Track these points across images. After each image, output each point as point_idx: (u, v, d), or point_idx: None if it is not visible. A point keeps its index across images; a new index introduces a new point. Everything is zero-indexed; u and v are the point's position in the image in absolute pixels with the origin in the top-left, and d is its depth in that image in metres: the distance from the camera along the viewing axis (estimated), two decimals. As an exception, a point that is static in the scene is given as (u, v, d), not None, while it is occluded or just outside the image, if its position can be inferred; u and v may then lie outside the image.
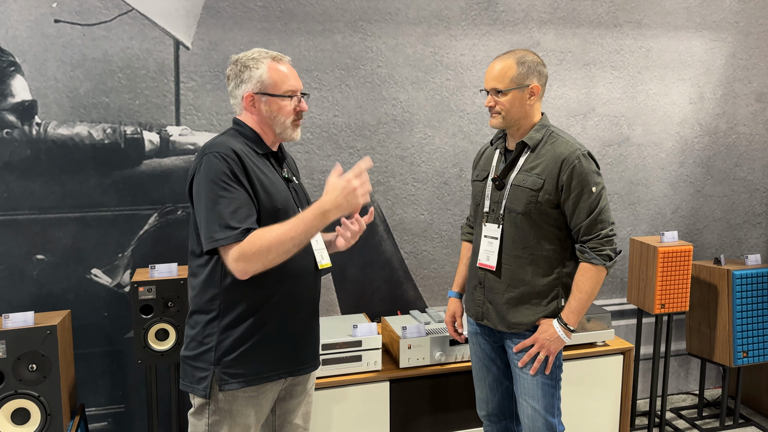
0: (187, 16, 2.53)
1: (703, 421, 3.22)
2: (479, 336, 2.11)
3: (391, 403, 2.43)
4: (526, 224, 1.92)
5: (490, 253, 1.99)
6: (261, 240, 1.52)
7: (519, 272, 1.95)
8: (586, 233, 1.89)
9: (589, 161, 1.89)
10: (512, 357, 2.01)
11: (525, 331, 1.96)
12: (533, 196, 1.90)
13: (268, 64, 1.67)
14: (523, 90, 1.91)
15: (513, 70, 1.90)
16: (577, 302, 1.90)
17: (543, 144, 1.94)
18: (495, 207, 1.99)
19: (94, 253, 2.55)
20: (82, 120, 2.48)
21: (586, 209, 1.87)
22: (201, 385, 1.63)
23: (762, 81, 3.38)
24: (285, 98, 1.68)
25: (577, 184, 1.87)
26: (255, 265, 1.52)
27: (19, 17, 2.37)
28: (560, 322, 1.91)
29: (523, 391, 1.99)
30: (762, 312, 2.98)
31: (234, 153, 1.59)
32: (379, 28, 2.77)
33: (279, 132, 1.71)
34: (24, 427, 2.10)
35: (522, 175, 1.94)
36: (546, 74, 1.97)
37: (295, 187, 1.78)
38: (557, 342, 1.91)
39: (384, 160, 2.87)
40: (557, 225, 1.93)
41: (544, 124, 1.98)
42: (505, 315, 1.97)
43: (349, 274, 2.86)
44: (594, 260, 1.88)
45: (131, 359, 2.60)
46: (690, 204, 3.38)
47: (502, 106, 1.92)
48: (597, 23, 3.06)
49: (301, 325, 1.73)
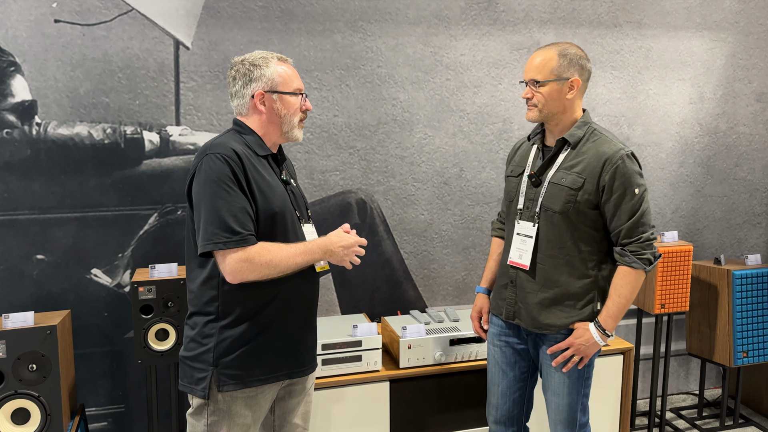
0: (187, 16, 2.53)
1: (703, 421, 3.22)
2: (502, 338, 2.06)
3: (391, 403, 2.43)
4: (562, 224, 1.87)
5: (523, 252, 1.94)
6: (271, 254, 1.57)
7: (553, 273, 1.90)
8: (627, 236, 1.83)
9: (632, 162, 1.83)
10: (544, 356, 1.97)
11: (557, 332, 1.92)
12: (572, 195, 1.84)
13: (276, 64, 1.70)
14: (562, 83, 1.84)
15: (553, 62, 1.84)
16: (615, 306, 1.84)
17: (584, 142, 1.88)
18: (530, 204, 1.94)
19: (94, 253, 2.55)
20: (82, 120, 2.48)
21: (627, 211, 1.81)
22: (200, 385, 1.64)
23: (762, 81, 3.38)
24: (294, 95, 1.71)
25: (620, 185, 1.81)
26: (255, 274, 1.57)
27: (19, 17, 2.37)
28: (598, 326, 1.86)
29: (551, 387, 1.97)
30: (762, 312, 2.98)
31: (235, 154, 1.59)
32: (379, 28, 2.77)
33: (286, 131, 1.73)
34: (24, 427, 2.10)
35: (561, 173, 1.87)
36: (589, 69, 1.90)
37: (293, 189, 1.78)
38: (593, 347, 1.87)
39: (384, 160, 2.87)
40: (594, 226, 1.87)
41: (586, 121, 1.91)
42: (537, 316, 1.93)
43: (349, 274, 2.86)
44: (634, 264, 1.82)
45: (131, 359, 2.60)
46: (690, 204, 3.38)
47: (539, 98, 1.85)
48: (597, 23, 3.06)
49: (300, 327, 1.73)
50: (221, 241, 1.53)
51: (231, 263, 1.54)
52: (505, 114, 3.00)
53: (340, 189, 2.82)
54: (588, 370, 1.95)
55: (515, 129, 3.02)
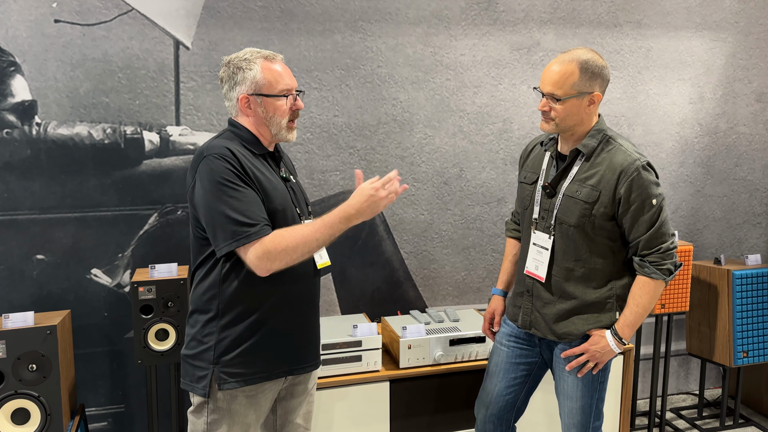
0: (187, 16, 2.53)
1: (703, 421, 3.22)
2: (511, 339, 2.05)
3: (391, 403, 2.43)
4: (578, 237, 1.83)
5: (539, 263, 1.91)
6: (286, 240, 1.54)
7: (570, 285, 1.87)
8: (646, 247, 1.79)
9: (649, 172, 1.78)
10: (558, 360, 1.95)
11: (575, 340, 1.90)
12: (587, 209, 1.80)
13: (261, 64, 1.65)
14: (583, 98, 1.77)
15: (575, 76, 1.75)
16: (633, 316, 1.82)
17: (599, 152, 1.82)
18: (545, 215, 1.90)
19: (94, 253, 2.55)
20: (82, 120, 2.48)
21: (646, 223, 1.77)
22: (200, 384, 1.64)
23: (762, 81, 3.38)
24: (280, 98, 1.67)
25: (637, 197, 1.76)
26: (279, 263, 1.54)
27: (19, 17, 2.37)
28: (614, 334, 1.84)
29: (564, 391, 1.95)
30: (762, 312, 2.98)
31: (232, 154, 1.58)
32: (379, 28, 2.77)
33: (275, 133, 1.70)
34: (24, 427, 2.10)
35: (575, 186, 1.83)
36: (608, 79, 1.83)
37: (293, 186, 1.78)
38: (608, 354, 1.85)
39: (384, 160, 2.86)
40: (611, 237, 1.84)
41: (600, 128, 1.85)
42: (554, 326, 1.91)
43: (349, 274, 2.86)
44: (654, 275, 1.79)
45: (131, 359, 2.60)
46: (690, 204, 3.38)
47: (557, 113, 1.78)
48: (597, 23, 3.06)
49: (301, 323, 1.73)
50: (239, 238, 1.53)
51: (252, 259, 1.54)
52: (505, 114, 3.00)
53: (340, 189, 2.82)
54: (603, 374, 1.93)
55: (515, 129, 3.02)
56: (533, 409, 2.56)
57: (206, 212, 1.57)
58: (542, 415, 2.60)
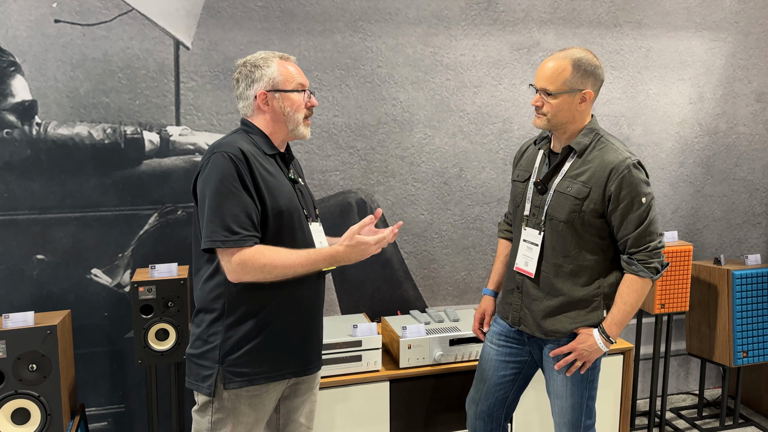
0: (187, 16, 2.53)
1: (703, 421, 3.22)
2: (501, 338, 2.06)
3: (391, 403, 2.43)
4: (567, 233, 1.86)
5: (528, 259, 1.94)
6: (266, 258, 1.57)
7: (558, 281, 1.89)
8: (634, 245, 1.82)
9: (639, 171, 1.81)
10: (547, 360, 1.97)
11: (562, 338, 1.92)
12: (577, 205, 1.83)
13: (277, 63, 1.71)
14: (574, 94, 1.81)
15: (567, 73, 1.80)
16: (620, 314, 1.84)
17: (590, 150, 1.85)
18: (536, 212, 1.93)
19: (94, 253, 2.55)
20: (82, 120, 2.48)
21: (635, 221, 1.80)
22: (205, 383, 1.65)
23: (762, 81, 3.38)
24: (296, 92, 1.72)
25: (626, 195, 1.79)
26: (252, 276, 1.58)
27: (19, 17, 2.37)
28: (602, 332, 1.86)
29: (554, 390, 1.97)
30: (762, 312, 2.98)
31: (242, 153, 1.60)
32: (379, 28, 2.77)
33: (291, 129, 1.73)
34: (24, 427, 2.10)
35: (566, 182, 1.86)
36: (602, 78, 1.86)
37: (301, 188, 1.79)
38: (596, 352, 1.86)
39: (384, 160, 2.87)
40: (600, 235, 1.86)
41: (593, 127, 1.88)
42: (542, 323, 1.93)
43: (349, 274, 2.86)
44: (641, 273, 1.82)
45: (131, 359, 2.60)
46: (690, 204, 3.38)
47: (549, 108, 1.82)
48: (597, 23, 3.06)
49: (305, 325, 1.74)
50: (220, 240, 1.56)
51: (225, 263, 1.58)
52: (505, 114, 3.00)
53: (340, 189, 2.82)
54: (592, 373, 1.95)
55: (515, 129, 3.02)
56: (527, 409, 2.58)
57: (201, 204, 1.62)
58: (536, 415, 2.60)
